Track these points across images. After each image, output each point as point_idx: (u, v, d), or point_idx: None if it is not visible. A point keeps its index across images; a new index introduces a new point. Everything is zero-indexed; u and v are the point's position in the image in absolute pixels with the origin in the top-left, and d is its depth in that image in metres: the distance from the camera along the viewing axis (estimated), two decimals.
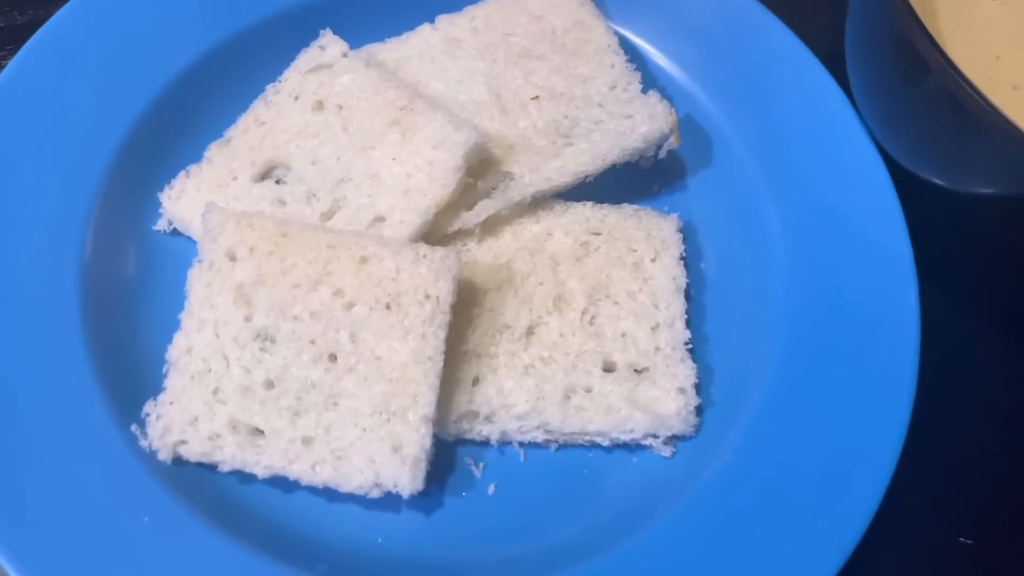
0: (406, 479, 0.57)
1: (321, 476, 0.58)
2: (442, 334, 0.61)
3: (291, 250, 0.62)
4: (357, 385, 0.60)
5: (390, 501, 0.59)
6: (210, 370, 0.60)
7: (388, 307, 0.61)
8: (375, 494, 0.58)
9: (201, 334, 0.61)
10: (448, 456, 0.64)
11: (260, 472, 0.58)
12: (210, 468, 0.59)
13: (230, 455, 0.58)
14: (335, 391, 0.60)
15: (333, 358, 0.60)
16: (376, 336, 0.60)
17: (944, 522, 0.67)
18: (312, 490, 0.60)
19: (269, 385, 0.60)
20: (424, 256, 0.62)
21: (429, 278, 0.61)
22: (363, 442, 0.58)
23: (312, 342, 0.60)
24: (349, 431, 0.59)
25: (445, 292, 0.61)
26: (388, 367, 0.60)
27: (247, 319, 0.61)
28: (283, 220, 0.64)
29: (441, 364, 0.60)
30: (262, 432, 0.59)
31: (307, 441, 0.58)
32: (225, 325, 0.61)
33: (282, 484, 0.60)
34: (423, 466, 0.58)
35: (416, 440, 0.58)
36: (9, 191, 0.66)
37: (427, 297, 0.61)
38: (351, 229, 0.66)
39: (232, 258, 0.62)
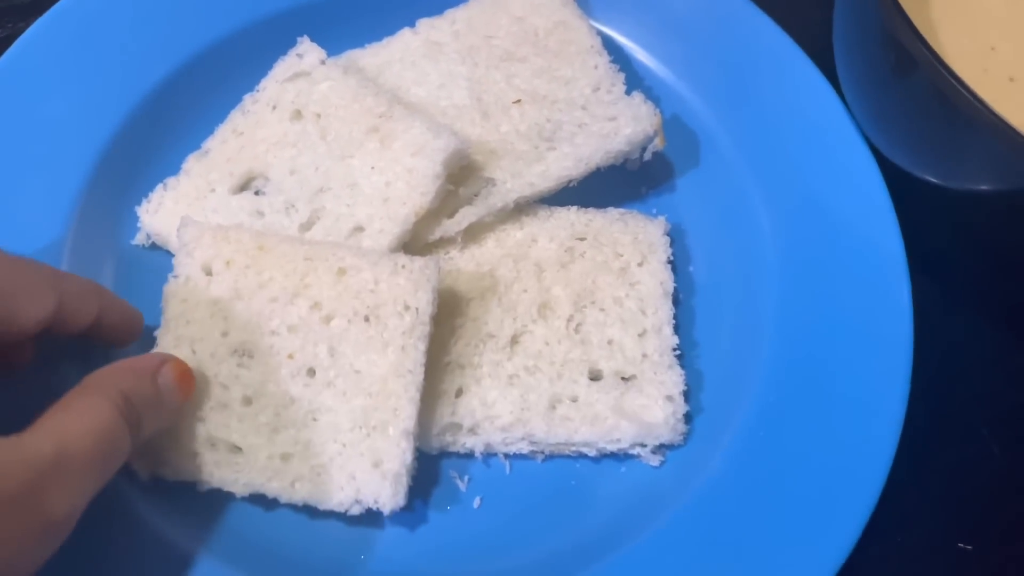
0: (387, 495, 0.56)
1: (300, 493, 0.57)
2: (422, 346, 0.59)
3: (268, 263, 0.61)
4: (336, 400, 0.58)
5: (373, 517, 0.58)
6: None
7: (367, 319, 0.60)
8: (356, 511, 0.57)
9: (178, 351, 0.60)
10: (432, 469, 0.63)
11: (239, 490, 0.57)
12: (189, 486, 0.58)
13: (208, 474, 0.57)
14: (314, 406, 0.58)
15: (312, 373, 0.59)
16: (355, 349, 0.59)
17: (943, 527, 0.66)
18: (292, 507, 0.59)
19: (247, 401, 0.59)
20: (403, 266, 0.61)
21: (408, 289, 0.60)
22: (343, 458, 0.57)
23: (290, 357, 0.59)
24: (328, 447, 0.58)
25: (424, 303, 0.60)
26: (367, 381, 0.59)
27: (224, 334, 0.60)
28: (260, 232, 0.63)
29: (421, 377, 0.59)
30: (240, 449, 0.58)
31: (286, 458, 0.57)
32: (202, 341, 0.60)
33: (262, 502, 0.59)
34: (404, 481, 0.57)
35: (397, 455, 0.57)
36: None
37: (406, 308, 0.60)
38: (330, 240, 0.65)
39: (208, 272, 0.61)
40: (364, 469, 0.57)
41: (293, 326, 0.60)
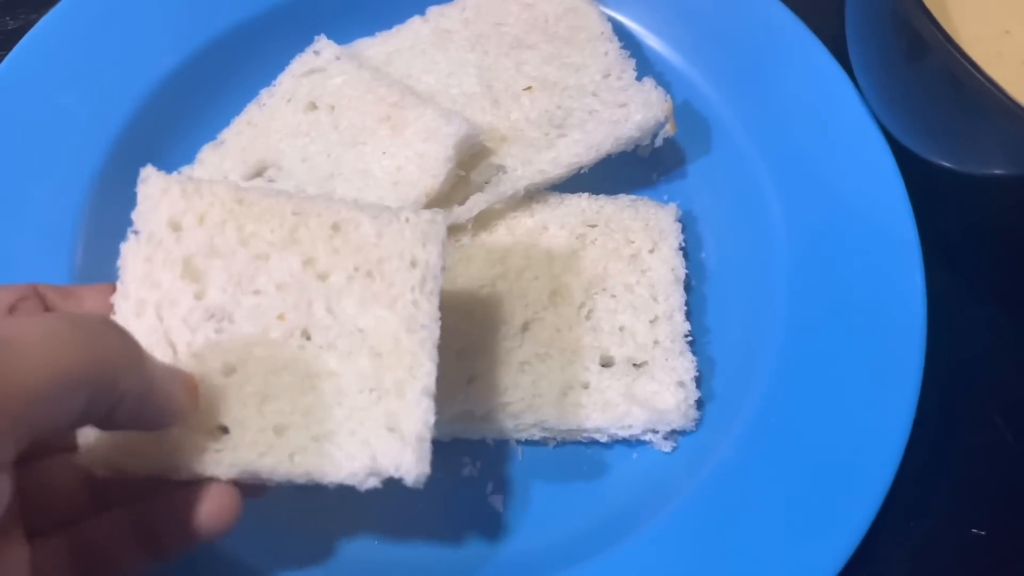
0: (410, 461, 0.49)
1: (302, 467, 0.50)
2: (435, 300, 0.54)
3: (250, 218, 0.54)
4: (339, 362, 0.52)
5: (383, 502, 0.58)
6: None
7: (370, 275, 0.54)
8: (372, 484, 0.50)
9: (141, 320, 0.52)
10: (444, 455, 0.62)
11: (223, 472, 0.49)
12: None
13: (183, 461, 0.49)
14: (312, 371, 0.52)
15: (307, 334, 0.53)
16: (358, 307, 0.53)
17: (955, 513, 0.65)
18: (299, 495, 0.58)
19: (229, 370, 0.52)
20: (407, 220, 0.55)
21: (415, 242, 0.55)
22: (351, 424, 0.51)
23: (280, 318, 0.53)
24: (333, 413, 0.51)
25: (435, 255, 0.55)
26: (375, 339, 0.53)
27: (198, 297, 0.53)
28: (238, 185, 0.56)
29: (438, 332, 0.53)
30: (223, 428, 0.51)
31: (280, 430, 0.51)
32: (171, 306, 0.53)
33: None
34: (427, 446, 0.50)
35: (418, 416, 0.50)
36: None
37: (414, 263, 0.54)
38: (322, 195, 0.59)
39: (176, 228, 0.54)
40: (378, 434, 0.50)
41: (282, 284, 0.53)
